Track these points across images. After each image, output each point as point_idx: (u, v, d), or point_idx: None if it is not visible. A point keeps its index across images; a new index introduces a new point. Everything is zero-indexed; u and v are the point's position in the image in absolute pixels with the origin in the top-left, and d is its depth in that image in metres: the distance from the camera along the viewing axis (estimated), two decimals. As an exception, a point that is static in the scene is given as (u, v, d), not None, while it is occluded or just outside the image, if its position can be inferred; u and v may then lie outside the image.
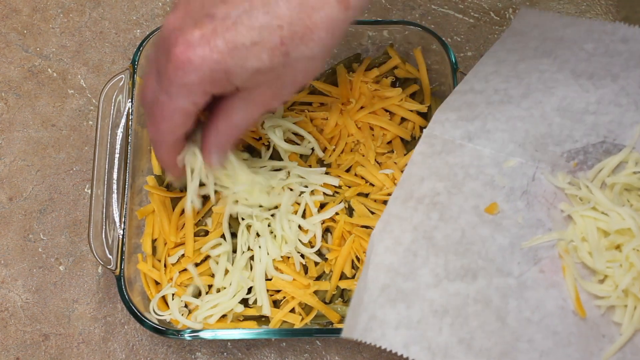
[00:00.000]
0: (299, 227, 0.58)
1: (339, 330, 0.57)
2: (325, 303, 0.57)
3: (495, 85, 0.56)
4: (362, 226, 0.58)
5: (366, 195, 0.60)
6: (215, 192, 0.56)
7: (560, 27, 0.58)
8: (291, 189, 0.59)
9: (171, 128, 0.48)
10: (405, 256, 0.50)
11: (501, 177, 0.52)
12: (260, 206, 0.60)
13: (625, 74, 0.54)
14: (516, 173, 0.52)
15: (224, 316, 0.57)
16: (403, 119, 0.63)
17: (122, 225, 0.57)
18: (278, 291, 0.58)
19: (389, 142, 0.63)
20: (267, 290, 0.57)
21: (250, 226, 0.59)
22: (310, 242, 0.58)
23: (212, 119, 0.49)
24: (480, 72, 0.57)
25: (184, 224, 0.60)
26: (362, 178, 0.61)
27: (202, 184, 0.55)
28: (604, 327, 0.47)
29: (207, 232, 0.59)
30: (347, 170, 0.61)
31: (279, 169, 0.61)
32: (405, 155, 0.62)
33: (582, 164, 0.52)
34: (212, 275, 0.59)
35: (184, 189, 0.59)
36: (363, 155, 0.61)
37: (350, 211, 0.60)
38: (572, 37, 0.57)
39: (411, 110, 0.63)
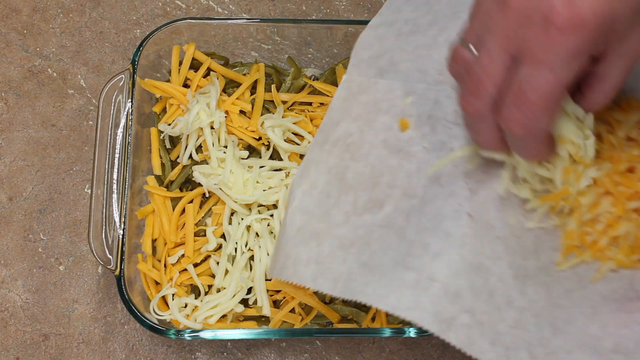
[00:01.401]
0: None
1: (339, 330, 0.57)
2: (325, 303, 0.57)
3: (406, 16, 0.56)
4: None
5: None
6: None
7: None
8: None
9: (552, 109, 0.40)
10: (319, 198, 0.52)
11: (409, 106, 0.53)
12: (260, 206, 0.60)
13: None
14: (421, 99, 0.52)
15: (224, 316, 0.57)
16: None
17: (122, 225, 0.57)
18: (278, 291, 0.58)
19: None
20: (267, 291, 0.57)
21: (250, 226, 0.59)
22: (310, 242, 0.58)
23: (580, 95, 0.43)
24: (394, 2, 0.58)
25: (184, 224, 0.60)
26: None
27: None
28: (501, 229, 0.48)
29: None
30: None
31: (279, 169, 0.61)
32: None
33: None
34: (212, 276, 0.59)
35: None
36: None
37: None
38: None
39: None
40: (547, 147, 0.44)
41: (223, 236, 0.60)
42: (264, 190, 0.59)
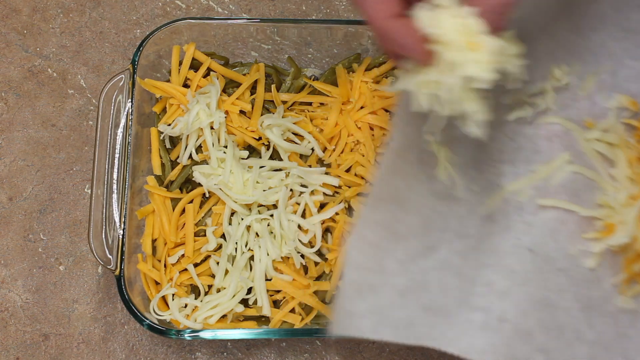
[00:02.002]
0: (299, 227, 0.58)
1: (339, 330, 0.57)
2: (325, 303, 0.58)
3: None
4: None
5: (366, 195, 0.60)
6: None
7: None
8: (291, 190, 0.60)
9: None
10: (371, 252, 0.52)
11: (453, 154, 0.52)
12: (260, 206, 0.60)
13: (566, 51, 0.56)
14: (465, 145, 0.52)
15: (224, 316, 0.57)
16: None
17: (122, 225, 0.57)
18: (278, 291, 0.58)
19: (389, 142, 0.63)
20: (267, 291, 0.57)
21: (250, 226, 0.59)
22: (310, 242, 0.58)
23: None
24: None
25: (184, 224, 0.60)
26: (362, 178, 0.61)
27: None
28: (561, 261, 0.49)
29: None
30: (347, 170, 0.61)
31: (279, 169, 0.61)
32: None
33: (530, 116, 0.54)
34: (212, 276, 0.59)
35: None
36: (363, 155, 0.61)
37: (350, 211, 0.60)
38: None
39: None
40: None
41: (223, 236, 0.60)
42: (264, 191, 0.59)
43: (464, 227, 0.51)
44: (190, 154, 0.61)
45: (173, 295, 0.58)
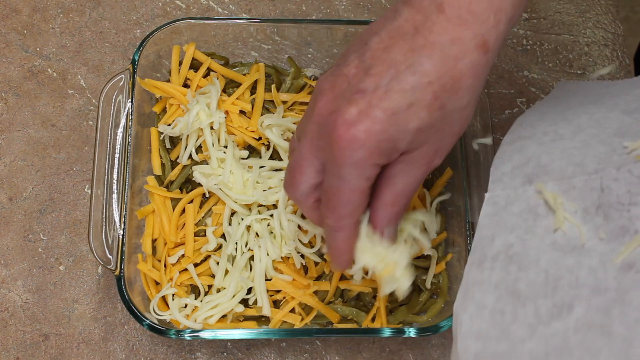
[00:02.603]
0: (299, 227, 0.58)
1: (339, 330, 0.57)
2: (325, 303, 0.58)
3: (543, 129, 0.54)
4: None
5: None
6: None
7: (602, 87, 0.56)
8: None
9: (352, 210, 0.46)
10: (492, 317, 0.47)
11: (570, 202, 0.49)
12: (260, 206, 0.60)
13: None
14: (584, 192, 0.49)
15: (224, 316, 0.57)
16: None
17: (122, 225, 0.57)
18: (278, 291, 0.58)
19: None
20: (267, 291, 0.57)
21: (250, 226, 0.59)
22: (310, 242, 0.58)
23: (376, 195, 0.48)
24: (524, 122, 0.55)
25: (184, 224, 0.60)
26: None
27: None
28: None
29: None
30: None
31: (279, 169, 0.61)
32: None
33: None
34: (212, 276, 0.59)
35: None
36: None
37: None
38: (616, 90, 0.55)
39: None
40: (349, 252, 0.49)
41: (223, 236, 0.60)
42: (263, 191, 0.59)
43: (600, 280, 0.46)
44: (190, 154, 0.61)
45: (173, 295, 0.58)
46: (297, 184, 0.47)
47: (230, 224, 0.59)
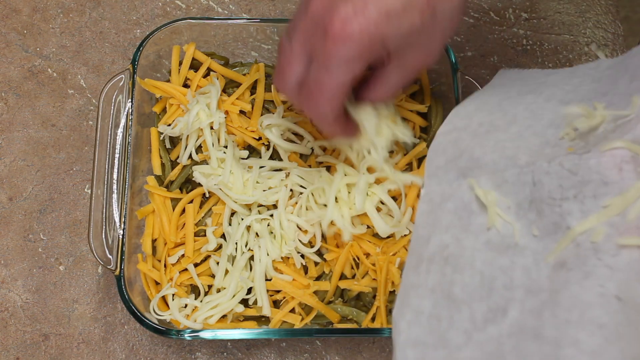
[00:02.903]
0: (299, 227, 0.58)
1: (339, 330, 0.57)
2: (325, 303, 0.58)
3: (479, 120, 0.53)
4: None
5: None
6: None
7: (542, 75, 0.56)
8: (291, 190, 0.60)
9: (333, 102, 0.49)
10: (429, 324, 0.47)
11: (503, 197, 0.48)
12: (260, 206, 0.60)
13: (614, 89, 0.50)
14: (516, 186, 0.48)
15: (224, 316, 0.57)
16: (403, 119, 0.63)
17: (122, 225, 0.57)
18: (278, 291, 0.58)
19: (389, 142, 0.63)
20: (267, 291, 0.57)
21: (250, 226, 0.59)
22: (310, 242, 0.58)
23: (366, 89, 0.51)
24: (461, 112, 0.54)
25: (184, 224, 0.60)
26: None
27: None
28: None
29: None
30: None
31: (279, 169, 0.61)
32: (405, 155, 0.62)
33: (580, 147, 0.47)
34: (212, 276, 0.59)
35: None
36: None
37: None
38: (555, 79, 0.54)
39: (411, 111, 0.63)
40: (340, 129, 0.52)
41: (223, 236, 0.60)
42: (263, 191, 0.59)
43: (533, 280, 0.45)
44: (190, 154, 0.61)
45: (173, 295, 0.58)
46: (286, 77, 0.49)
47: (230, 224, 0.59)
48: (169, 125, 0.62)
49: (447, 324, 0.46)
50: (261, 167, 0.60)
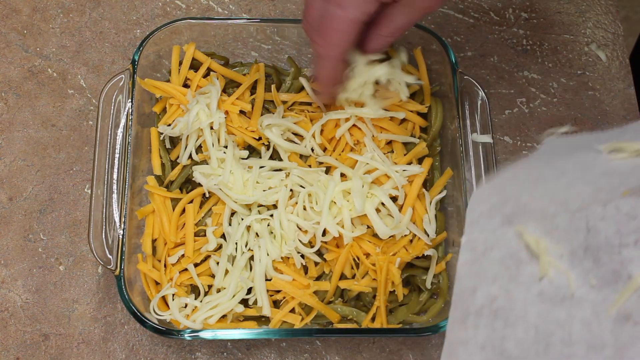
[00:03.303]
0: (299, 227, 0.59)
1: (339, 330, 0.57)
2: (325, 303, 0.58)
3: (526, 173, 0.51)
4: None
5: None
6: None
7: (592, 136, 0.51)
8: (291, 190, 0.60)
9: (342, 39, 0.51)
10: None
11: (555, 244, 0.45)
12: (260, 206, 0.60)
13: None
14: (569, 233, 0.45)
15: (224, 316, 0.57)
16: (403, 119, 0.63)
17: (122, 225, 0.57)
18: (278, 291, 0.58)
19: (389, 143, 0.63)
20: (267, 291, 0.57)
21: (250, 226, 0.59)
22: (310, 242, 0.58)
23: (373, 26, 0.53)
24: (507, 167, 0.52)
25: (184, 224, 0.60)
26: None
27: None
28: None
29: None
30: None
31: (279, 169, 0.61)
32: (405, 155, 0.62)
33: (637, 189, 0.45)
34: (212, 276, 0.59)
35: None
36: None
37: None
38: (607, 136, 0.50)
39: (411, 111, 0.63)
40: (337, 79, 0.57)
41: (223, 236, 0.60)
42: (263, 191, 0.59)
43: (595, 335, 0.42)
44: (190, 154, 0.61)
45: (173, 295, 0.58)
46: (308, 15, 0.53)
47: (230, 224, 0.59)
48: (169, 125, 0.62)
49: None
50: (261, 167, 0.60)
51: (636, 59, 0.88)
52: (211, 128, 0.60)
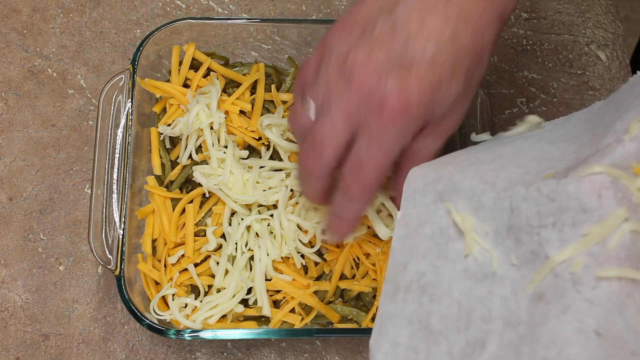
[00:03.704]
0: (299, 227, 0.59)
1: (339, 330, 0.57)
2: (325, 303, 0.58)
3: (464, 156, 0.52)
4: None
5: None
6: None
7: (539, 126, 0.54)
8: (291, 190, 0.60)
9: (379, 181, 0.47)
10: (406, 356, 0.45)
11: (481, 222, 0.46)
12: (260, 206, 0.60)
13: (601, 123, 0.49)
14: (494, 212, 0.46)
15: (224, 316, 0.57)
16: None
17: (122, 225, 0.57)
18: (278, 291, 0.58)
19: (389, 142, 0.63)
20: (267, 291, 0.57)
21: (250, 226, 0.59)
22: (310, 242, 0.58)
23: (400, 166, 0.49)
24: (445, 156, 0.53)
25: (184, 224, 0.60)
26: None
27: None
28: (633, 342, 0.40)
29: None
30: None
31: (279, 169, 0.61)
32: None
33: (559, 173, 0.45)
34: (212, 276, 0.59)
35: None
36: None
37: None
38: (550, 127, 0.53)
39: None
40: (363, 212, 0.52)
41: (223, 236, 0.60)
42: (264, 191, 0.59)
43: (512, 312, 0.43)
44: (190, 154, 0.61)
45: (173, 295, 0.58)
46: (324, 153, 0.47)
47: (230, 224, 0.59)
48: (169, 125, 0.62)
49: (424, 357, 0.45)
50: (261, 167, 0.60)
51: (637, 62, 0.88)
52: (211, 128, 0.60)
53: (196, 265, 0.59)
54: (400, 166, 0.49)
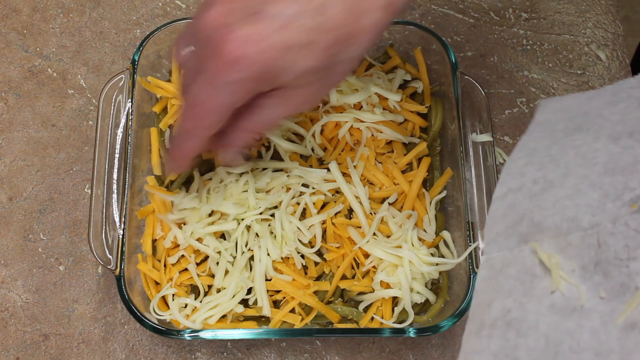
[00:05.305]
0: (299, 227, 0.58)
1: (339, 330, 0.57)
2: (325, 303, 0.58)
3: (531, 176, 0.52)
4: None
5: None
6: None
7: (585, 101, 0.54)
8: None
9: (211, 123, 0.47)
10: None
11: (567, 260, 0.47)
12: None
13: None
14: (580, 249, 0.47)
15: (224, 316, 0.57)
16: (403, 120, 0.63)
17: (122, 225, 0.57)
18: (278, 291, 0.58)
19: (389, 143, 0.63)
20: (267, 291, 0.57)
21: (250, 226, 0.59)
22: (310, 242, 0.58)
23: (238, 115, 0.48)
24: (512, 168, 0.53)
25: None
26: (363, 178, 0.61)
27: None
28: None
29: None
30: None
31: (280, 170, 0.61)
32: (405, 155, 0.62)
33: None
34: (212, 276, 0.59)
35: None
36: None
37: (350, 211, 0.60)
38: (599, 106, 0.53)
39: (411, 111, 0.63)
40: (187, 160, 0.52)
41: (223, 236, 0.60)
42: (265, 193, 0.59)
43: (602, 343, 0.44)
44: (190, 154, 0.61)
45: (173, 295, 0.58)
46: (183, 79, 0.48)
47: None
48: (170, 126, 0.62)
49: None
50: (263, 168, 0.60)
51: (637, 62, 0.88)
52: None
53: (196, 265, 0.59)
54: (239, 114, 0.48)
